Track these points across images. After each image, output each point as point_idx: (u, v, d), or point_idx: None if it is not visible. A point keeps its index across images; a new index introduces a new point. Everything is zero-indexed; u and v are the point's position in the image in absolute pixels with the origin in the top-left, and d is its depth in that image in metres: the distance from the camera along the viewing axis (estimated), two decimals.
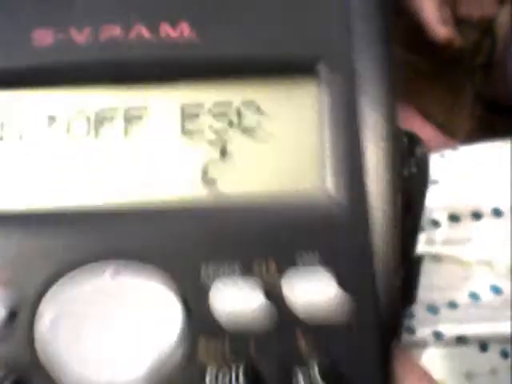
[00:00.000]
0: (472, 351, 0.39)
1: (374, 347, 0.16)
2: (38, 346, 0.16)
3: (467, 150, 0.48)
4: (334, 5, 0.18)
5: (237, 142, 0.18)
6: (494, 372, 0.40)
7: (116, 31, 0.18)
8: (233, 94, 0.18)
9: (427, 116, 0.77)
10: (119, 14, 0.18)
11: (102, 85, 0.18)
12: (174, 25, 0.18)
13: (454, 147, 0.50)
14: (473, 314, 0.40)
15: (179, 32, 0.18)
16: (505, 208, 0.41)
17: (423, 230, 0.41)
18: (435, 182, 0.43)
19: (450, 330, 0.39)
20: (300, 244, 0.16)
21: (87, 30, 0.18)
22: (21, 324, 0.16)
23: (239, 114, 0.18)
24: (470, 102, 0.78)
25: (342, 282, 0.16)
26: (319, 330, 0.16)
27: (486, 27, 0.77)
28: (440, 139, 0.72)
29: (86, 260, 0.16)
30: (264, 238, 0.17)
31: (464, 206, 0.41)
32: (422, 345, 0.39)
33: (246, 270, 0.16)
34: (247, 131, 0.18)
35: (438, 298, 0.40)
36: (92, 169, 0.18)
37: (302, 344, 0.16)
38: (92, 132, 0.18)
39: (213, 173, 0.18)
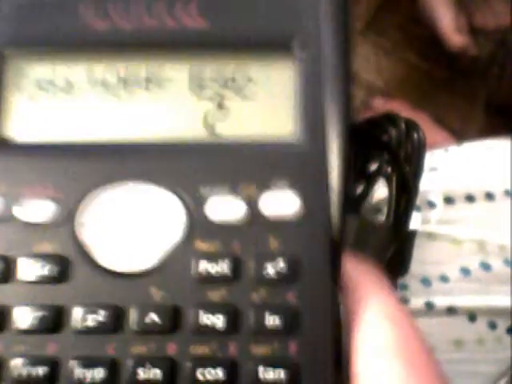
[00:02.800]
0: (461, 321, 0.42)
1: (323, 245, 0.21)
2: (78, 237, 0.22)
3: (470, 145, 0.50)
4: None
5: (230, 98, 0.23)
6: (481, 341, 0.42)
7: (142, 11, 0.23)
8: (229, 62, 0.23)
9: (441, 122, 0.78)
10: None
11: (131, 51, 0.23)
12: (186, 9, 0.23)
13: (458, 143, 0.52)
14: (463, 288, 0.42)
15: (189, 13, 0.23)
16: (497, 192, 0.44)
17: (419, 210, 0.43)
18: (434, 168, 0.46)
19: (441, 301, 0.42)
20: (275, 173, 0.22)
21: (121, 8, 0.23)
22: (65, 219, 0.22)
23: (233, 78, 0.23)
24: (483, 109, 0.79)
25: (303, 200, 0.22)
26: (285, 232, 0.21)
27: (501, 37, 0.77)
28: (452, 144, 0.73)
29: (111, 180, 0.22)
30: (247, 167, 0.22)
31: (459, 190, 0.44)
32: (415, 314, 0.41)
33: (234, 190, 0.22)
34: (238, 91, 0.23)
35: (431, 271, 0.42)
36: (120, 112, 0.23)
37: (272, 241, 0.21)
38: (121, 86, 0.23)
39: (211, 119, 0.23)
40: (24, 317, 0.21)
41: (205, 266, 0.21)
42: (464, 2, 0.75)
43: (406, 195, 0.33)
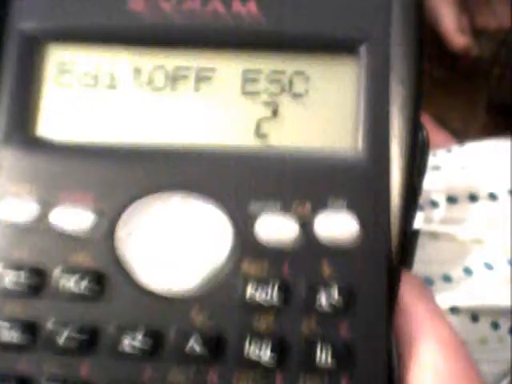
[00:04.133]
0: (464, 321, 0.42)
1: (382, 272, 0.20)
2: (117, 251, 0.20)
3: (472, 145, 0.50)
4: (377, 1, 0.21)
5: (286, 104, 0.21)
6: (483, 341, 0.42)
7: (196, 3, 0.21)
8: (287, 65, 0.21)
9: (443, 123, 0.78)
10: None
11: (181, 47, 0.21)
12: (244, 3, 0.21)
13: (461, 144, 0.52)
14: (465, 287, 0.42)
15: (247, 9, 0.21)
16: (500, 192, 0.44)
17: (422, 209, 0.43)
18: (437, 168, 0.46)
19: (443, 300, 0.42)
20: (332, 191, 0.20)
21: (173, 0, 0.21)
22: (104, 231, 0.20)
23: (291, 82, 0.21)
24: (484, 110, 0.79)
25: (362, 224, 0.20)
26: (340, 258, 0.20)
27: (503, 38, 0.77)
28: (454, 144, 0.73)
29: (154, 190, 0.20)
30: (302, 183, 0.20)
31: (462, 189, 0.44)
32: None
33: (286, 208, 0.20)
34: (296, 96, 0.21)
35: (434, 271, 0.42)
36: (166, 115, 0.21)
37: (326, 268, 0.20)
38: (169, 85, 0.21)
39: (264, 128, 0.21)
40: (55, 334, 0.19)
41: (252, 292, 0.19)
42: (466, 3, 0.75)
43: (410, 194, 0.33)
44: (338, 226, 0.20)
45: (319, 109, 0.21)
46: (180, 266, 0.20)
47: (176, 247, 0.20)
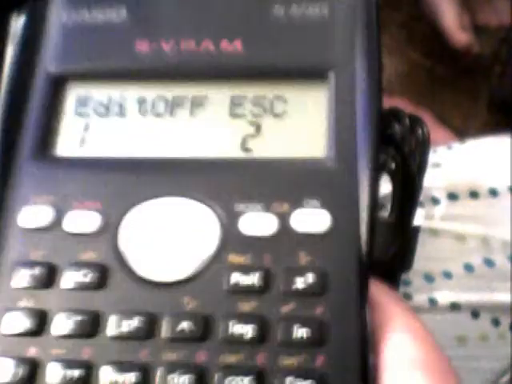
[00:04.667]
0: (464, 318, 0.42)
1: (352, 259, 0.22)
2: (121, 248, 0.23)
3: (473, 142, 0.50)
4: (343, 30, 0.25)
5: (268, 123, 0.25)
6: (484, 338, 0.42)
7: (191, 44, 0.25)
8: (268, 91, 0.25)
9: (444, 120, 0.78)
10: (195, 31, 0.26)
11: (178, 79, 0.26)
12: (231, 42, 0.25)
13: (461, 141, 0.52)
14: (466, 284, 0.42)
15: (233, 47, 0.25)
16: (501, 189, 0.44)
17: (423, 206, 0.43)
18: (438, 165, 0.46)
19: (444, 297, 0.42)
20: (307, 192, 0.23)
21: (172, 42, 0.26)
22: (109, 231, 0.23)
23: (272, 104, 0.25)
24: (486, 107, 0.79)
25: (334, 217, 0.23)
26: (314, 248, 0.22)
27: (504, 35, 0.78)
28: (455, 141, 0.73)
29: (152, 195, 0.24)
30: (281, 187, 0.23)
31: (462, 186, 0.44)
32: (418, 310, 0.41)
33: (267, 207, 0.23)
34: (276, 116, 0.25)
35: (434, 268, 0.42)
36: (165, 135, 0.25)
37: (302, 256, 0.22)
38: (168, 111, 0.26)
39: (249, 143, 0.25)
40: (62, 321, 0.22)
41: (236, 278, 0.22)
42: (467, 0, 0.75)
43: (409, 191, 0.33)
44: (312, 219, 0.23)
45: (296, 125, 0.25)
46: (174, 258, 0.23)
47: (170, 243, 0.23)
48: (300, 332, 0.21)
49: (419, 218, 0.40)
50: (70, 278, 0.22)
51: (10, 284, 0.22)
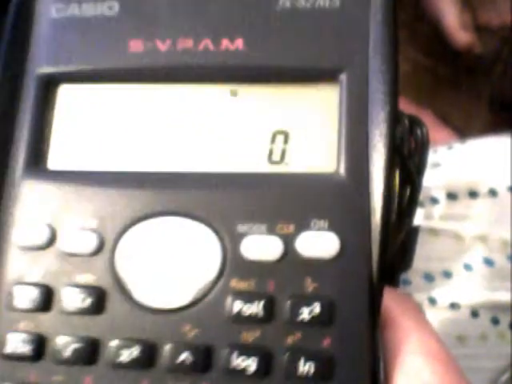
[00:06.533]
0: (464, 317, 0.42)
1: (363, 288, 0.21)
2: (117, 271, 0.22)
3: (473, 142, 0.50)
4: (356, 29, 0.22)
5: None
6: (483, 337, 0.42)
7: (189, 43, 0.23)
8: (272, 97, 0.23)
9: (445, 119, 0.78)
10: (193, 30, 0.23)
11: (176, 83, 0.23)
12: (232, 40, 0.23)
13: (462, 141, 0.52)
14: (465, 283, 0.42)
15: (236, 46, 0.23)
16: (500, 189, 0.44)
17: (422, 206, 0.43)
18: (437, 164, 0.46)
19: (443, 296, 0.42)
20: (314, 213, 0.21)
21: (168, 41, 0.23)
22: (106, 253, 0.22)
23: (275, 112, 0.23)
24: (487, 107, 0.79)
25: (343, 242, 0.21)
26: (322, 275, 0.21)
27: (505, 35, 0.77)
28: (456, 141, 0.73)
29: (150, 215, 0.22)
30: (287, 206, 0.21)
31: (462, 186, 0.44)
32: None
33: (271, 229, 0.21)
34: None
35: (434, 267, 0.42)
36: (165, 146, 0.23)
37: (308, 284, 0.21)
38: (167, 119, 0.23)
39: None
40: (61, 348, 0.21)
41: (239, 306, 0.21)
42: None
43: (409, 191, 0.33)
44: (319, 243, 0.21)
45: (302, 136, 0.22)
46: (173, 283, 0.21)
47: (169, 266, 0.22)
48: (306, 366, 0.20)
49: (418, 218, 0.40)
50: (67, 302, 0.21)
51: (9, 305, 0.22)
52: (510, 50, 0.78)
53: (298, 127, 0.22)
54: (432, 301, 0.42)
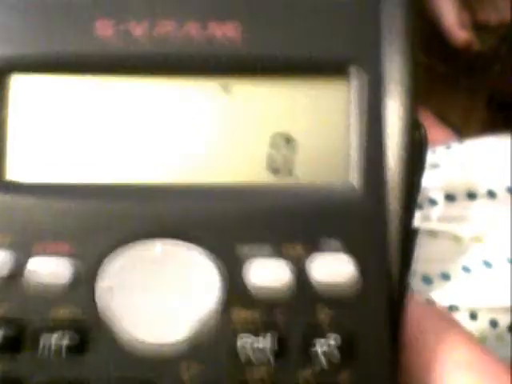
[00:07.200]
0: (462, 319, 0.42)
1: (384, 318, 0.18)
2: (99, 303, 0.18)
3: (472, 143, 0.50)
4: (367, 15, 0.19)
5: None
6: (482, 339, 0.42)
7: (170, 27, 0.19)
8: (274, 95, 0.19)
9: (443, 118, 0.78)
10: (175, 10, 0.19)
11: (154, 76, 0.19)
12: (223, 24, 0.19)
13: (460, 141, 0.52)
14: (464, 285, 0.42)
15: (228, 31, 0.19)
16: (498, 190, 0.43)
17: (421, 207, 0.43)
18: (436, 165, 0.46)
19: (442, 299, 0.42)
20: (325, 231, 0.18)
21: (145, 24, 0.19)
22: (84, 282, 0.18)
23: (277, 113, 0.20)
24: (485, 106, 0.79)
25: (360, 267, 0.18)
26: (337, 306, 0.18)
27: (504, 33, 0.77)
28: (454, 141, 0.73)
29: (135, 237, 0.18)
30: (293, 223, 0.18)
31: (460, 187, 0.44)
32: None
33: (276, 251, 0.18)
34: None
35: (433, 269, 0.42)
36: (149, 153, 0.19)
37: (322, 317, 0.18)
38: (145, 119, 0.19)
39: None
40: None
41: (244, 341, 0.18)
42: None
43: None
44: (333, 269, 0.18)
45: (309, 141, 0.19)
46: (165, 318, 0.18)
47: (161, 298, 0.18)
48: None
49: (417, 220, 0.39)
50: (43, 341, 0.18)
51: None
52: (509, 48, 0.78)
53: (303, 129, 0.19)
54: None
